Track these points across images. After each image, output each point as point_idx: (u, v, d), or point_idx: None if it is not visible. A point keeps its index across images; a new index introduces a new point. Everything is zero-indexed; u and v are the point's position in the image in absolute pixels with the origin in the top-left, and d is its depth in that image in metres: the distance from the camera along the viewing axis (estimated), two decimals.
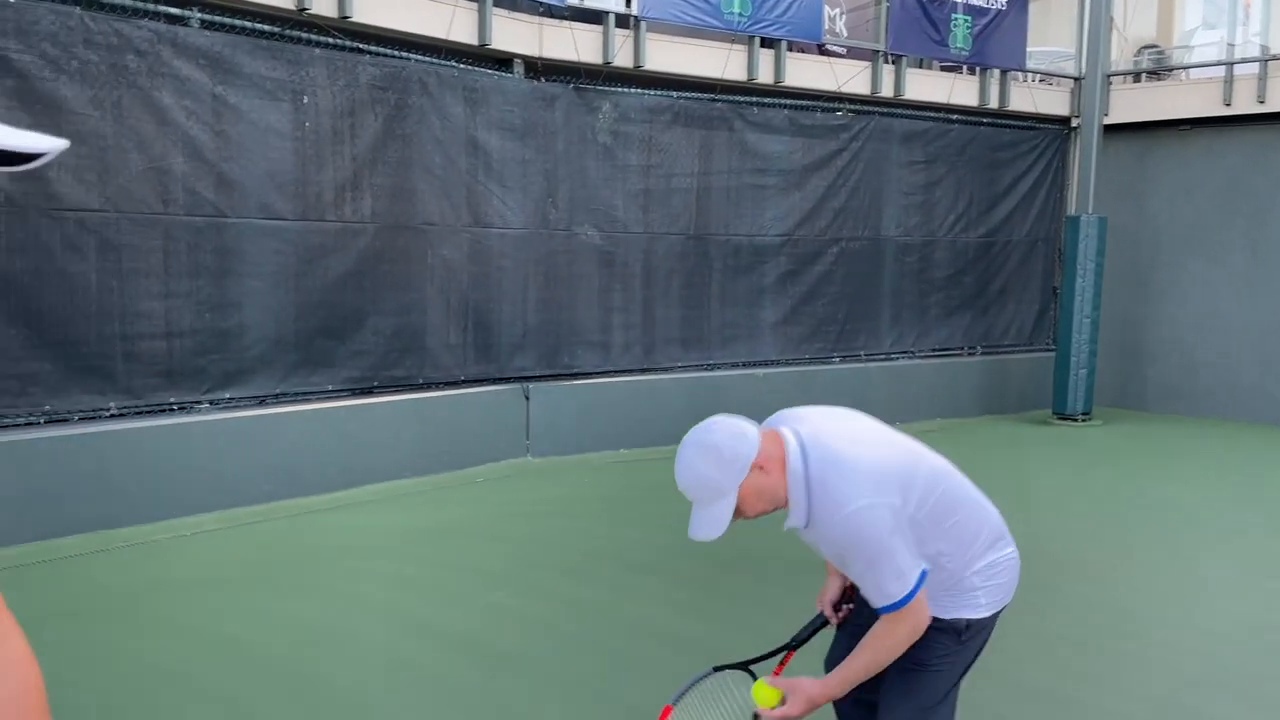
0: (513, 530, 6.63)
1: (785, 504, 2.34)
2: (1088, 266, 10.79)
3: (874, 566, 2.27)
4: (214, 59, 6.67)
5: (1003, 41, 10.98)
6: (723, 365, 9.71)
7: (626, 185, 9.04)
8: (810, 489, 2.28)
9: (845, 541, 2.28)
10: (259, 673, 4.27)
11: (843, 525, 2.25)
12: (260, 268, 6.94)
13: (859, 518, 2.24)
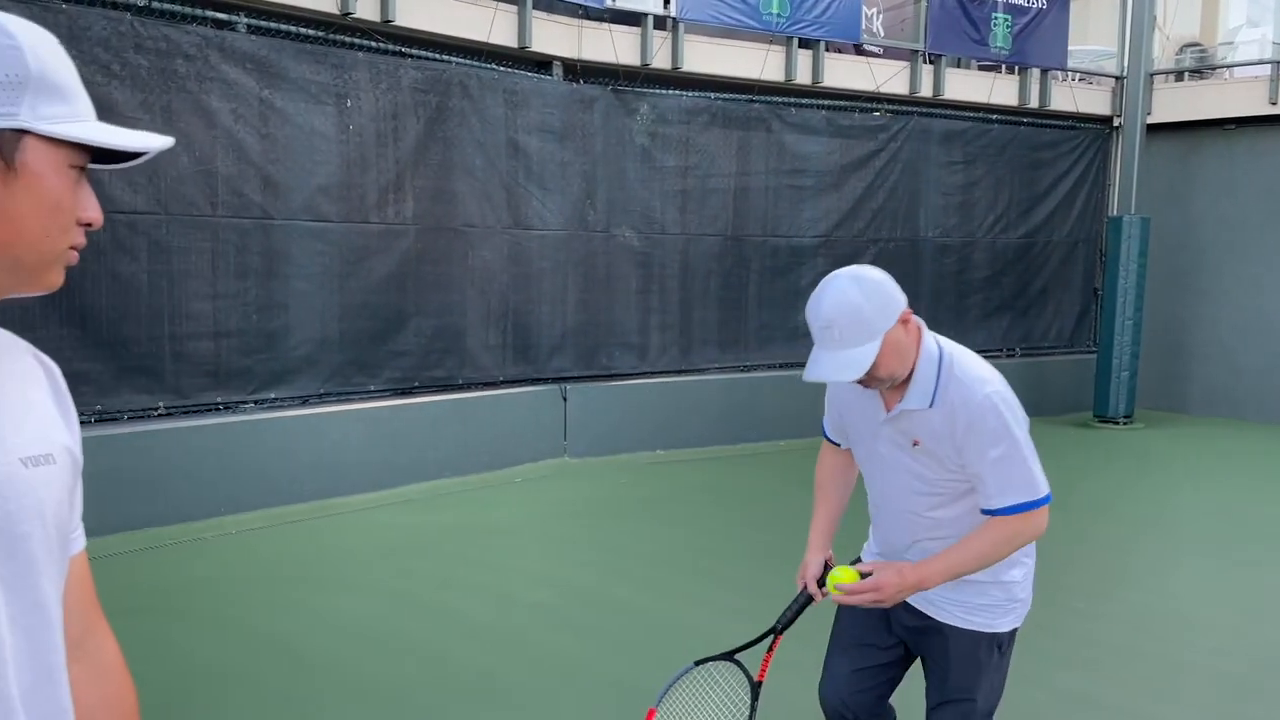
0: (553, 530, 6.66)
1: (905, 378, 2.25)
2: (1130, 268, 10.66)
3: (1010, 457, 2.19)
4: (260, 63, 6.76)
5: (1043, 40, 10.88)
6: (759, 367, 9.69)
7: (664, 187, 9.06)
8: (942, 367, 2.23)
9: (982, 424, 2.19)
10: (305, 670, 4.33)
11: (982, 405, 2.18)
12: (305, 269, 7.03)
13: (1000, 398, 2.19)
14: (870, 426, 2.41)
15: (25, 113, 1.01)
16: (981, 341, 11.07)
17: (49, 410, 1.17)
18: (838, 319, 2.13)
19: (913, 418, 2.27)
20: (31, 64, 1.01)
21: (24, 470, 1.08)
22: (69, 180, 1.05)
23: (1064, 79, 11.56)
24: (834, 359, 2.15)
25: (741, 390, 9.44)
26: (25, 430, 1.10)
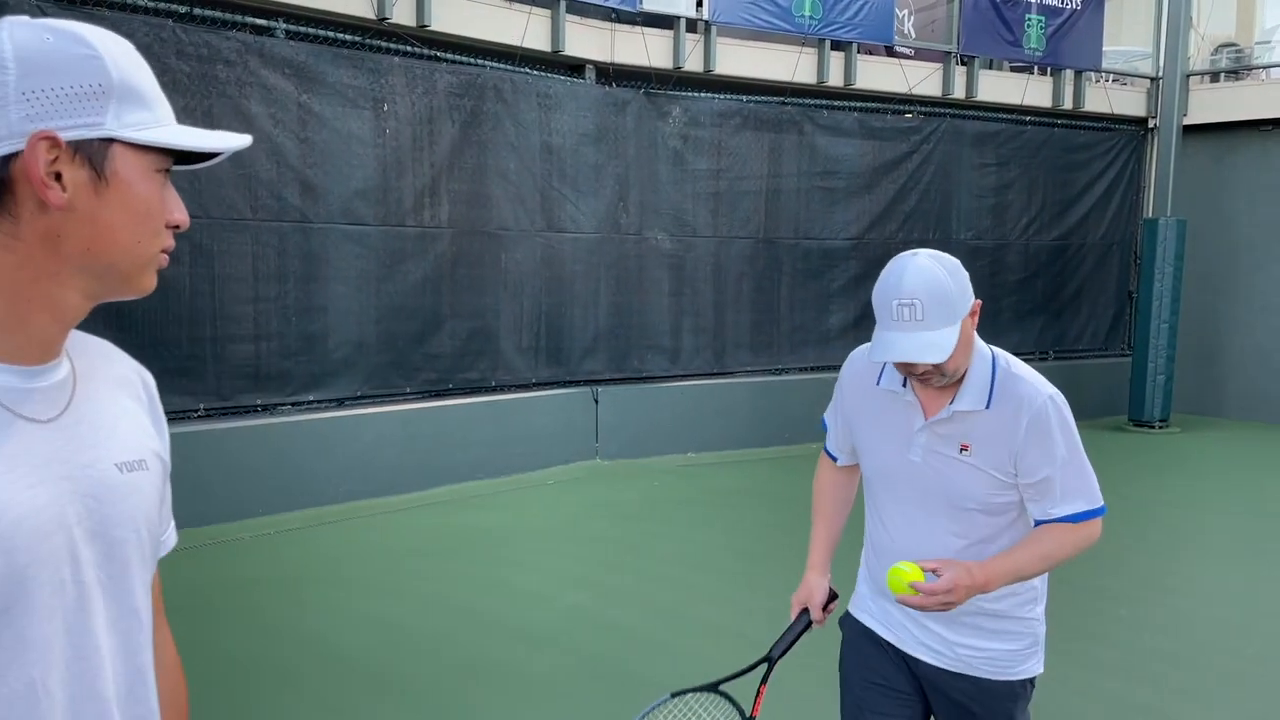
0: (587, 532, 6.68)
1: (959, 377, 2.11)
2: (1166, 270, 10.56)
3: (1075, 463, 2.09)
4: (299, 68, 6.83)
5: (1078, 41, 10.80)
6: (791, 370, 9.67)
7: (696, 189, 9.07)
8: (996, 367, 2.12)
9: (1047, 426, 2.07)
10: (343, 668, 4.37)
11: (1046, 406, 2.08)
12: (343, 272, 7.10)
13: (1060, 403, 2.10)
14: (901, 435, 2.20)
15: (111, 121, 1.02)
16: (1015, 344, 10.98)
17: (142, 418, 1.20)
18: (922, 296, 1.96)
19: (965, 420, 2.11)
20: (113, 73, 1.02)
21: (120, 476, 1.11)
22: (156, 185, 1.07)
23: (1098, 80, 11.47)
24: (914, 340, 1.97)
25: (773, 393, 9.43)
26: (120, 437, 1.13)
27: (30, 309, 1.04)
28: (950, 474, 2.14)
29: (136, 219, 1.05)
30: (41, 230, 1.02)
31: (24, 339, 1.05)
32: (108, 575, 1.09)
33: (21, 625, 1.00)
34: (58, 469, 1.05)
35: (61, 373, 1.10)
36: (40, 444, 1.04)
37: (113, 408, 1.16)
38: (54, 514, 1.03)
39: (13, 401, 1.04)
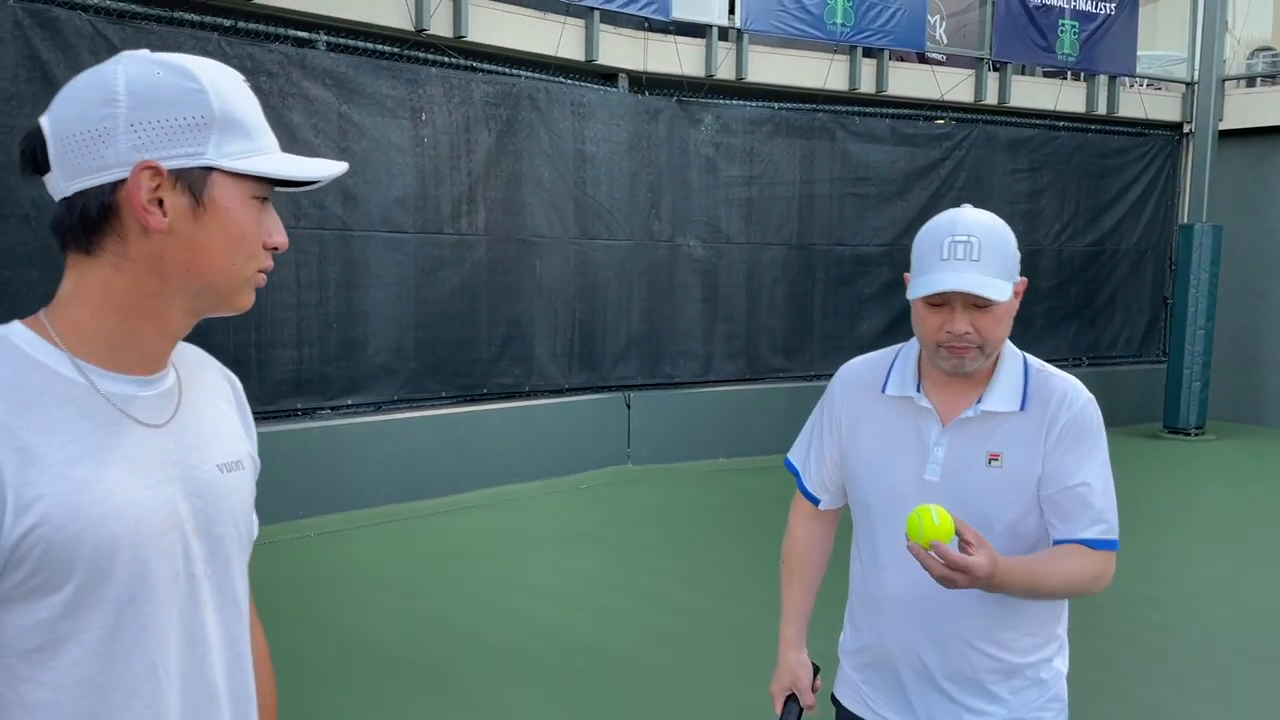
0: (621, 536, 6.75)
1: (983, 373, 1.86)
2: (1201, 276, 10.48)
3: (1106, 482, 1.85)
4: (339, 79, 6.97)
5: (1111, 46, 10.76)
6: (824, 376, 9.66)
7: (728, 196, 9.13)
8: (1029, 365, 1.90)
9: (1085, 430, 1.84)
10: (386, 668, 4.47)
11: (1086, 408, 1.85)
12: (382, 279, 7.23)
13: (1095, 409, 1.87)
14: (915, 450, 1.89)
15: (211, 151, 1.09)
16: (1049, 350, 10.94)
17: (234, 421, 1.30)
18: (980, 234, 1.76)
19: (995, 423, 1.85)
20: (215, 104, 1.08)
21: (221, 476, 1.20)
22: (253, 210, 1.13)
23: (1132, 85, 11.41)
24: (968, 276, 1.74)
25: (805, 399, 9.38)
26: (220, 440, 1.23)
27: (140, 325, 1.13)
28: (977, 491, 1.84)
29: (232, 242, 1.12)
30: (146, 252, 1.10)
31: (136, 353, 1.14)
32: (213, 568, 1.18)
33: (145, 614, 1.09)
34: (170, 470, 1.14)
35: (169, 381, 1.19)
36: (155, 448, 1.13)
37: (212, 412, 1.25)
38: (169, 512, 1.12)
39: (132, 409, 1.12)
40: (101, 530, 1.05)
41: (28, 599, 1.03)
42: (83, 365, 1.10)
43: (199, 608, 1.16)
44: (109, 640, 1.07)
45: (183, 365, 1.24)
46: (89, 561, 1.04)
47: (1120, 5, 10.75)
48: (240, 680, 1.23)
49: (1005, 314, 1.81)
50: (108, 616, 1.06)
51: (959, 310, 1.77)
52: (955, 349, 1.80)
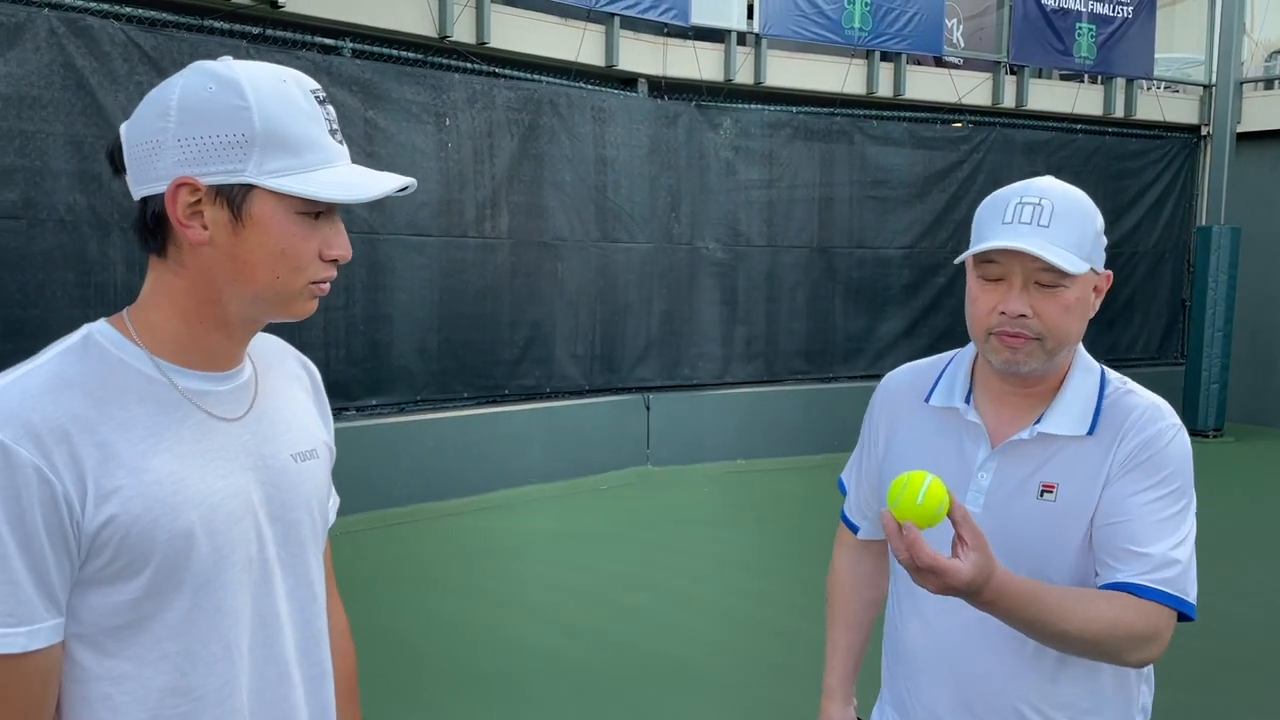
0: (643, 536, 6.82)
1: (1048, 386, 1.56)
2: (1219, 279, 10.49)
3: (1185, 525, 1.48)
4: (365, 85, 7.08)
5: (1129, 49, 10.77)
6: (842, 378, 9.75)
7: (747, 200, 9.20)
8: (1107, 383, 1.56)
9: (1161, 455, 1.49)
10: (417, 665, 4.55)
11: (1166, 432, 1.50)
12: (407, 282, 7.33)
13: (1184, 439, 1.53)
14: (956, 473, 1.57)
15: (251, 169, 1.09)
16: None
17: (310, 410, 1.35)
18: (1055, 199, 1.47)
19: (1054, 448, 1.52)
20: (257, 123, 1.09)
21: (295, 465, 1.25)
22: (298, 225, 1.13)
23: (1150, 88, 11.42)
24: (1033, 240, 1.44)
25: (824, 401, 9.50)
26: (295, 430, 1.28)
27: (202, 328, 1.17)
28: (1025, 529, 1.51)
29: (272, 257, 1.12)
30: (197, 261, 1.14)
31: (204, 352, 1.18)
32: (287, 553, 1.23)
33: (220, 597, 1.15)
34: (245, 460, 1.19)
35: (245, 376, 1.24)
36: (231, 440, 1.19)
37: (289, 403, 1.30)
38: (244, 500, 1.18)
39: (208, 404, 1.18)
40: (177, 519, 1.10)
41: (111, 582, 1.09)
42: (161, 363, 1.16)
43: (272, 590, 1.21)
44: (186, 621, 1.12)
45: (259, 357, 1.29)
46: (165, 548, 1.09)
47: (1138, 8, 10.77)
48: (314, 658, 1.28)
49: (1077, 304, 1.48)
50: (185, 599, 1.12)
51: (1018, 287, 1.47)
52: (1009, 337, 1.48)
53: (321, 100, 1.15)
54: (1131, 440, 1.50)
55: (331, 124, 1.16)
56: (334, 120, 1.17)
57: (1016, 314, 1.47)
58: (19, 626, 1.03)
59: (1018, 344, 1.48)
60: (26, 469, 1.03)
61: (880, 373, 6.81)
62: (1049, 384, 1.56)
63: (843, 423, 9.51)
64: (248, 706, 1.18)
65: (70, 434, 1.06)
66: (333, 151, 1.14)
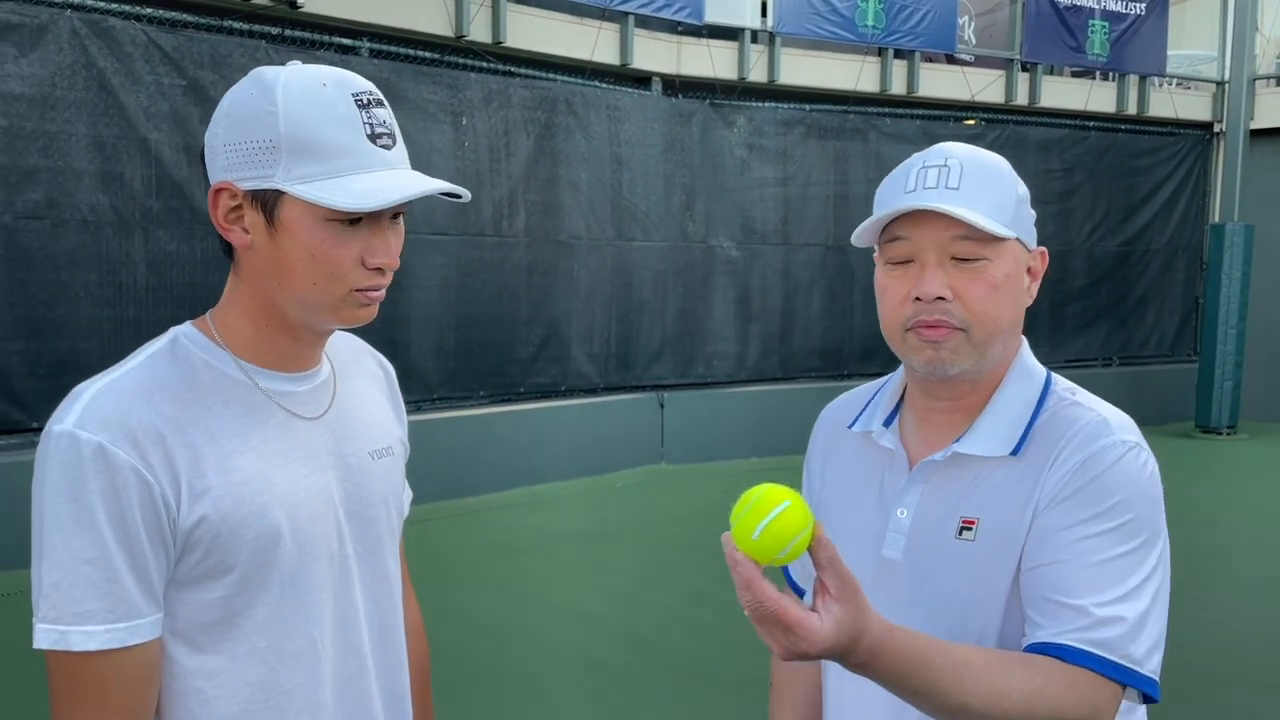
0: (660, 534, 6.85)
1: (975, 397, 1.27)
2: (1233, 275, 10.48)
3: (1136, 561, 1.15)
4: (382, 84, 7.01)
5: (1141, 46, 10.77)
6: (857, 376, 9.76)
7: (762, 197, 9.22)
8: (1048, 394, 1.27)
9: (1095, 484, 1.16)
10: (441, 659, 4.56)
11: (1102, 454, 1.17)
12: (424, 280, 7.36)
13: (1136, 459, 1.19)
14: (875, 510, 1.31)
15: (280, 174, 1.08)
16: (1079, 350, 10.97)
17: (385, 407, 1.37)
18: (963, 159, 1.24)
19: (975, 475, 1.23)
20: (282, 128, 1.07)
21: (372, 462, 1.27)
22: (327, 232, 1.10)
23: (1162, 85, 11.41)
24: (944, 200, 1.20)
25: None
26: (372, 428, 1.30)
27: (269, 330, 1.18)
28: (944, 575, 1.22)
29: (306, 263, 1.11)
30: (250, 264, 1.15)
31: (277, 354, 1.20)
32: (364, 548, 1.25)
33: (304, 591, 1.17)
34: (325, 459, 1.21)
35: (323, 375, 1.26)
36: (312, 438, 1.21)
37: (366, 402, 1.32)
38: (325, 498, 1.20)
39: (289, 404, 1.20)
40: (264, 518, 1.12)
41: (204, 580, 1.11)
42: (244, 365, 1.18)
43: (350, 585, 1.23)
44: (274, 616, 1.15)
45: (337, 356, 1.30)
46: (253, 546, 1.12)
47: (1150, 5, 10.76)
48: (390, 649, 1.30)
49: (1006, 283, 1.22)
50: (272, 594, 1.14)
51: (931, 264, 1.21)
52: (927, 329, 1.21)
53: (366, 104, 1.12)
54: (1067, 460, 1.18)
55: (376, 127, 1.12)
56: (382, 123, 1.13)
57: (933, 296, 1.20)
58: (120, 622, 1.06)
59: (940, 335, 1.21)
60: (125, 470, 1.06)
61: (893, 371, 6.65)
62: (981, 394, 1.27)
63: None
64: (331, 699, 1.21)
65: (164, 436, 1.09)
66: (370, 157, 1.11)
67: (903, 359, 1.30)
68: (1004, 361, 1.28)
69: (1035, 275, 1.31)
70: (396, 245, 1.18)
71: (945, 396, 1.29)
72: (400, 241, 1.19)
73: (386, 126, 1.15)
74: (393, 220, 1.17)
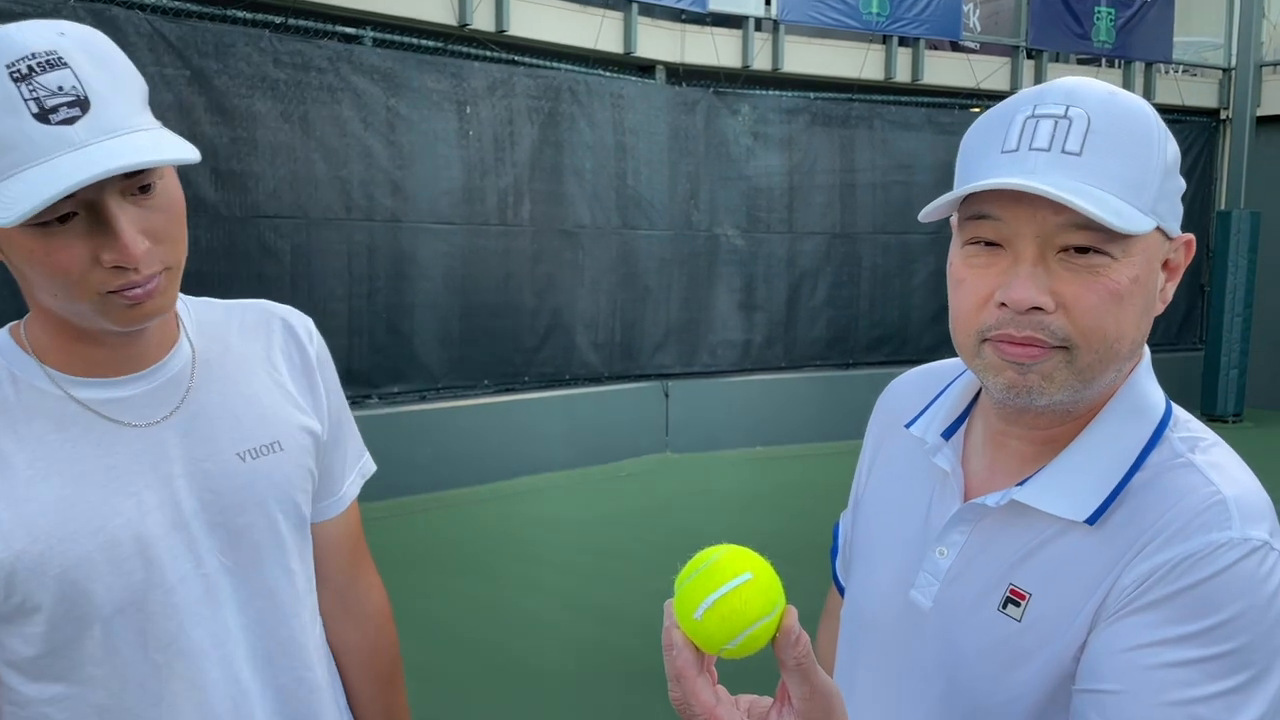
0: (664, 521, 6.85)
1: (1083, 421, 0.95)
2: (1239, 263, 10.45)
3: (1234, 709, 0.80)
4: (386, 74, 7.10)
5: (1148, 33, 10.72)
6: (862, 365, 9.76)
7: (766, 186, 9.20)
8: (1162, 437, 0.95)
9: (1207, 605, 0.82)
10: (452, 646, 4.60)
11: (1219, 560, 0.83)
12: (429, 269, 7.36)
13: (1259, 566, 0.84)
14: (911, 540, 1.04)
15: None
16: None
17: (280, 393, 1.17)
18: (1092, 108, 0.88)
19: (1040, 534, 0.94)
20: None
21: (239, 464, 1.10)
22: (33, 240, 0.92)
23: (1169, 71, 11.36)
24: (1053, 174, 0.86)
25: (845, 388, 9.51)
26: (245, 425, 1.13)
27: (66, 338, 1.03)
28: (973, 650, 0.95)
29: (36, 276, 0.95)
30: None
31: (87, 361, 1.04)
32: (234, 561, 1.11)
33: (140, 621, 1.04)
34: (169, 468, 1.06)
35: (170, 372, 1.10)
36: (147, 448, 1.05)
37: (240, 393, 1.14)
38: (164, 515, 1.05)
39: (114, 412, 1.04)
40: (69, 551, 0.99)
41: (15, 617, 1.01)
42: (54, 374, 1.03)
43: (218, 604, 1.10)
44: (107, 647, 1.03)
45: (215, 339, 1.15)
46: (59, 582, 0.99)
47: None
48: (284, 665, 1.16)
49: (1134, 289, 0.89)
50: (97, 628, 1.02)
51: (1028, 259, 0.88)
52: (1013, 345, 0.89)
53: (28, 72, 0.88)
54: (1160, 552, 0.86)
55: (46, 100, 0.88)
56: (57, 90, 0.88)
57: (1026, 306, 0.87)
58: None
59: (1031, 357, 0.88)
60: None
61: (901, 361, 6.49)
62: (1074, 425, 0.95)
63: (863, 410, 9.39)
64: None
65: None
66: (39, 143, 0.88)
67: (975, 374, 0.96)
68: (1113, 385, 0.94)
69: (1174, 272, 0.95)
70: (157, 220, 0.96)
71: (1025, 425, 0.96)
72: (165, 214, 0.97)
73: (67, 92, 0.89)
74: (134, 197, 0.95)
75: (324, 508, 1.26)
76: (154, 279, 0.97)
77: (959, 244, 0.95)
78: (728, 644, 0.75)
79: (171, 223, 0.98)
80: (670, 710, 0.76)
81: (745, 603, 0.74)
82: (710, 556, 0.77)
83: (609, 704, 4.10)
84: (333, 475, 1.25)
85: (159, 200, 0.96)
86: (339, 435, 1.25)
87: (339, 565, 1.29)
